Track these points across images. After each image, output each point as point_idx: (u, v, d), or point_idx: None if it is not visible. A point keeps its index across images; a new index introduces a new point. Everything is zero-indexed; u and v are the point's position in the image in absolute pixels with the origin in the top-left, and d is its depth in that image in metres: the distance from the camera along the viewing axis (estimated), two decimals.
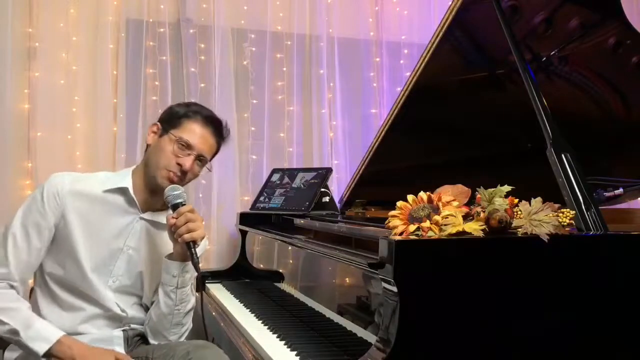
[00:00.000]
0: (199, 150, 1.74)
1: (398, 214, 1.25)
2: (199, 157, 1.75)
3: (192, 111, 1.79)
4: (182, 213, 1.64)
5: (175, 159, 1.71)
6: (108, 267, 1.73)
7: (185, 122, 1.76)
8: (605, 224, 1.33)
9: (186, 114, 1.78)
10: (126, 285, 1.76)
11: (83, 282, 1.70)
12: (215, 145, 1.82)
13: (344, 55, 2.96)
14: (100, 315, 1.73)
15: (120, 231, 1.75)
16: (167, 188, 1.69)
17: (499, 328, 1.19)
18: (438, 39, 1.91)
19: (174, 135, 1.73)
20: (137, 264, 1.76)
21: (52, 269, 1.71)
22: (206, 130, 1.77)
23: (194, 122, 1.76)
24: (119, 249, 1.74)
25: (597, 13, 1.96)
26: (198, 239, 1.64)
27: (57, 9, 2.58)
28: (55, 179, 1.73)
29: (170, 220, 1.65)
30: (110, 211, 1.75)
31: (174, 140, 1.72)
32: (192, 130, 1.75)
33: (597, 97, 2.19)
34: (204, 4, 2.77)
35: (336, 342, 1.49)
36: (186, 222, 1.63)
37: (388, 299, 1.17)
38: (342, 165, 2.92)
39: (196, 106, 1.84)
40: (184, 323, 1.75)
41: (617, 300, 1.26)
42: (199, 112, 1.79)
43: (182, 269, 1.69)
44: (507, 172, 1.48)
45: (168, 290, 1.70)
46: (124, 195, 1.76)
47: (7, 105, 2.48)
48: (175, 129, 1.74)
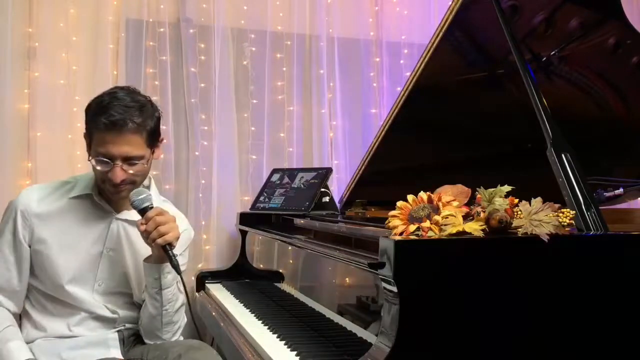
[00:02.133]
0: (120, 155, 1.60)
1: (398, 214, 1.25)
2: (127, 160, 1.62)
3: (95, 118, 1.61)
4: (150, 218, 1.59)
5: (105, 174, 1.63)
6: (91, 272, 1.72)
7: (94, 134, 1.62)
8: (606, 224, 1.33)
9: (92, 121, 1.63)
10: (113, 287, 1.75)
11: (63, 294, 1.70)
12: (136, 136, 1.61)
13: (344, 55, 2.96)
14: (91, 318, 1.73)
15: (98, 236, 1.73)
16: (131, 193, 1.64)
17: (499, 328, 1.19)
18: (438, 39, 1.91)
19: (93, 152, 1.63)
20: (119, 264, 1.75)
21: (33, 282, 1.71)
22: (112, 134, 1.59)
23: (100, 132, 1.60)
24: (99, 252, 1.73)
25: (597, 13, 1.96)
26: (172, 240, 1.61)
27: (57, 9, 2.58)
28: (22, 198, 1.71)
29: (140, 227, 1.61)
30: (84, 218, 1.72)
31: (94, 159, 1.63)
32: (102, 140, 1.60)
33: (597, 97, 2.18)
34: (204, 4, 2.77)
35: (336, 342, 1.49)
36: (156, 226, 1.59)
37: (388, 299, 1.17)
38: (342, 165, 2.91)
39: (100, 103, 1.63)
40: (175, 321, 1.74)
41: (617, 301, 1.26)
42: (97, 121, 1.60)
43: (162, 271, 1.67)
44: (507, 172, 1.48)
45: (152, 292, 1.69)
46: (92, 200, 1.73)
47: (7, 105, 2.48)
48: (92, 142, 1.64)
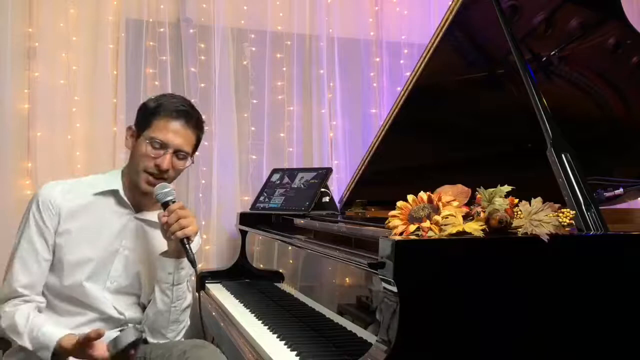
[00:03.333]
0: (175, 145, 1.71)
1: (398, 214, 1.24)
2: (177, 153, 1.72)
3: (160, 107, 1.73)
4: (172, 210, 1.64)
5: (152, 160, 1.69)
6: (105, 270, 1.73)
7: (155, 121, 1.71)
8: (606, 224, 1.33)
9: (155, 111, 1.73)
10: (124, 286, 1.76)
11: (79, 291, 1.71)
12: (192, 135, 1.76)
13: (344, 55, 2.96)
14: (97, 319, 1.74)
15: (116, 233, 1.75)
16: (156, 187, 1.68)
17: (499, 328, 1.19)
18: (438, 39, 1.91)
19: (147, 136, 1.70)
20: (134, 264, 1.76)
21: (49, 279, 1.72)
22: (177, 123, 1.72)
23: (163, 118, 1.71)
24: (115, 250, 1.75)
25: (597, 13, 1.96)
26: (191, 234, 1.64)
27: (57, 9, 2.58)
28: (46, 190, 1.73)
29: (161, 218, 1.65)
30: (104, 214, 1.75)
31: (147, 142, 1.69)
32: (163, 127, 1.71)
33: (597, 97, 2.18)
34: (204, 4, 2.77)
35: (336, 342, 1.49)
36: (178, 219, 1.63)
37: (388, 299, 1.17)
38: (342, 165, 2.91)
39: (165, 98, 1.78)
40: (181, 320, 1.75)
41: (617, 301, 1.26)
42: (167, 107, 1.73)
43: (177, 266, 1.69)
44: (507, 172, 1.48)
45: (164, 287, 1.70)
46: (115, 197, 1.76)
47: (7, 105, 2.48)
48: (147, 129, 1.71)
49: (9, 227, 2.10)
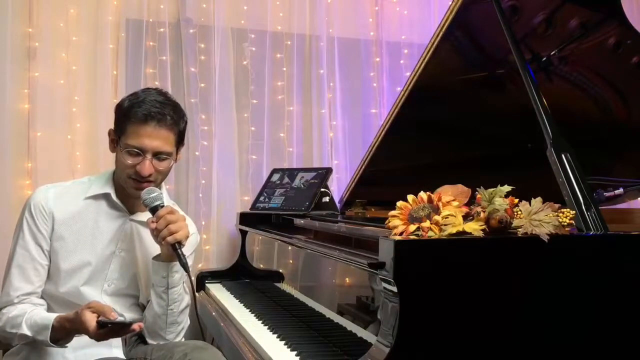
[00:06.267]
0: (152, 149, 1.65)
1: (398, 214, 1.24)
2: (157, 155, 1.67)
3: (130, 112, 1.66)
4: (161, 216, 1.61)
5: (133, 168, 1.66)
6: (102, 273, 1.73)
7: (127, 127, 1.66)
8: (606, 224, 1.33)
9: (126, 115, 1.67)
10: (122, 288, 1.75)
11: (76, 296, 1.70)
12: (169, 132, 1.68)
13: (344, 55, 2.96)
14: None
15: (111, 236, 1.74)
16: (142, 192, 1.65)
17: (499, 328, 1.19)
18: (438, 39, 1.91)
19: (123, 144, 1.66)
20: (130, 265, 1.76)
21: (45, 286, 1.71)
22: (149, 127, 1.64)
23: (134, 124, 1.65)
24: (111, 253, 1.74)
25: (597, 13, 1.96)
26: (182, 239, 1.62)
27: (57, 9, 2.58)
28: (38, 195, 1.72)
29: (150, 224, 1.63)
30: (98, 218, 1.74)
31: (125, 150, 1.66)
32: (136, 133, 1.65)
33: (597, 97, 2.19)
34: (204, 4, 2.77)
35: (336, 342, 1.49)
36: (167, 224, 1.60)
37: (388, 299, 1.17)
38: (342, 165, 2.91)
39: (136, 99, 1.68)
40: (179, 322, 1.74)
41: (617, 301, 1.26)
42: (136, 112, 1.65)
43: (171, 270, 1.67)
44: (507, 172, 1.48)
45: (159, 291, 1.69)
46: (108, 200, 1.75)
47: (7, 105, 2.48)
48: (122, 135, 1.67)
49: (9, 227, 2.10)
